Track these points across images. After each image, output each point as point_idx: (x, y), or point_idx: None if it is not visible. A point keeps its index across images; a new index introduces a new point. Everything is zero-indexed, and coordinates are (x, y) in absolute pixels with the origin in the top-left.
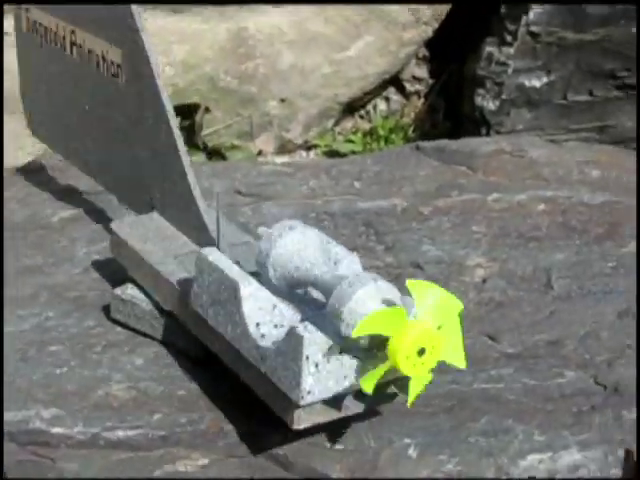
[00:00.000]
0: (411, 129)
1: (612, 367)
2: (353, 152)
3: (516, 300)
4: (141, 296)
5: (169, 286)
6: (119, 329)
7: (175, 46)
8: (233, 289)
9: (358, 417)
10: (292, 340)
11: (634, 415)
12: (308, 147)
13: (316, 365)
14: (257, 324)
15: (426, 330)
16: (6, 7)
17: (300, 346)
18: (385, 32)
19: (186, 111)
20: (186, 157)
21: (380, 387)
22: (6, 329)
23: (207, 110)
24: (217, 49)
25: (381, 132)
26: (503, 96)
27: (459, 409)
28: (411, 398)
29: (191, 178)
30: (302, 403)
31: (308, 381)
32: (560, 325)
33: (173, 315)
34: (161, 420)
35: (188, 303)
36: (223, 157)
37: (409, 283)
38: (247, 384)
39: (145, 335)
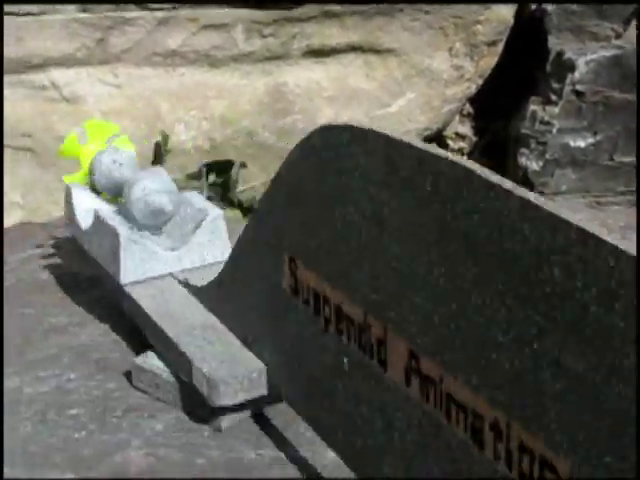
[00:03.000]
0: None
1: None
2: None
3: None
4: (162, 366)
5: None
6: (140, 393)
7: (213, 101)
8: None
9: None
10: None
11: None
12: None
13: None
14: None
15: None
16: None
17: None
18: (427, 88)
19: (222, 167)
20: None
21: None
22: (25, 390)
23: (244, 165)
24: (255, 104)
25: None
26: (547, 156)
27: None
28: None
29: None
30: None
31: None
32: None
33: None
34: None
35: None
36: None
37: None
38: None
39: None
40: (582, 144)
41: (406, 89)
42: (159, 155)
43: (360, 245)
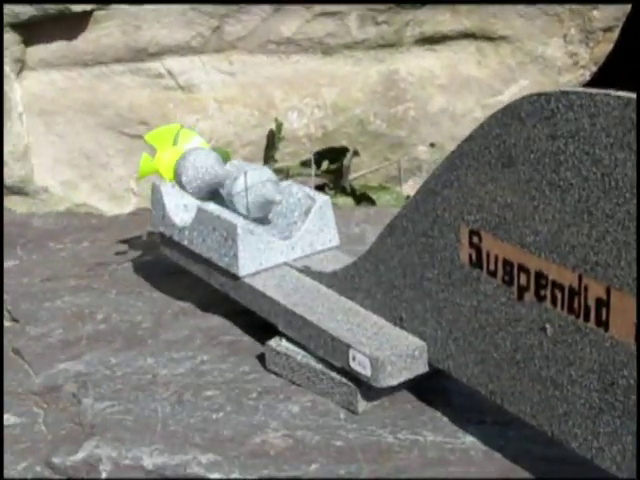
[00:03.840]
0: None
1: None
2: None
3: None
4: (296, 349)
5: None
6: (274, 376)
7: (325, 89)
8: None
9: None
10: None
11: None
12: None
13: None
14: None
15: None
16: None
17: None
18: (541, 76)
19: (334, 154)
20: None
21: None
22: (161, 371)
23: (356, 153)
24: (367, 92)
25: None
26: None
27: None
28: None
29: None
30: None
31: None
32: None
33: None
34: (318, 470)
35: None
36: (371, 201)
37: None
38: None
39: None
40: None
41: (519, 76)
42: (272, 143)
43: (577, 209)
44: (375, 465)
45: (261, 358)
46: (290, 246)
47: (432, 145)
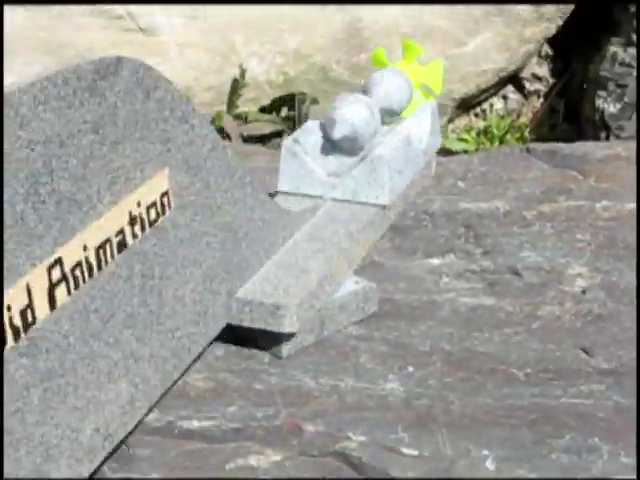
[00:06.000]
0: (527, 130)
1: None
2: (465, 151)
3: (616, 314)
4: None
5: None
6: None
7: (287, 35)
8: None
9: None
10: None
11: None
12: None
13: None
14: None
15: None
16: None
17: None
18: (505, 28)
19: (293, 101)
20: None
21: None
22: None
23: (314, 101)
24: (330, 39)
25: (496, 132)
26: (626, 99)
27: (543, 423)
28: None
29: None
30: None
31: None
32: None
33: None
34: (236, 413)
35: None
36: None
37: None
38: None
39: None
40: None
41: (483, 28)
42: (235, 89)
43: None
44: (292, 408)
45: None
46: (332, 184)
47: None
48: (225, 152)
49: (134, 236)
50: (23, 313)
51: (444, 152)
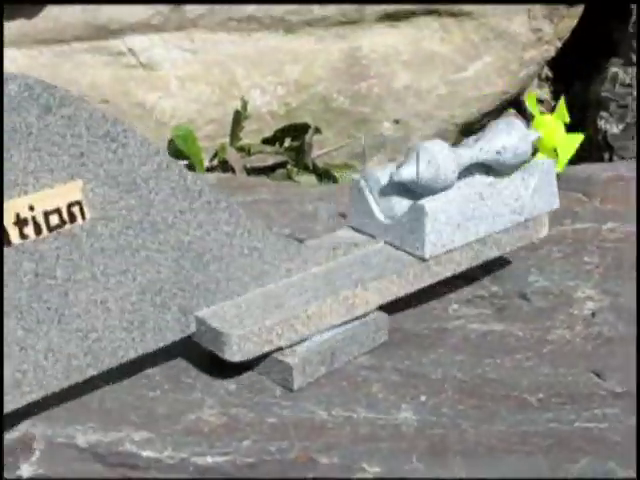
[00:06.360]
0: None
1: None
2: None
3: (627, 335)
4: None
5: None
6: None
7: (287, 66)
8: None
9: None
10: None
11: None
12: None
13: None
14: None
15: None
16: None
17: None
18: (505, 52)
19: (296, 131)
20: None
21: None
22: None
23: (317, 131)
24: (330, 69)
25: None
26: (628, 119)
27: (558, 449)
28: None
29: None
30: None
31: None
32: None
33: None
34: (250, 447)
35: None
36: (334, 179)
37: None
38: None
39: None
40: None
41: (483, 53)
42: (238, 121)
43: None
44: (306, 441)
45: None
46: (384, 226)
47: (396, 122)
48: (182, 175)
49: (23, 237)
50: None
51: None
